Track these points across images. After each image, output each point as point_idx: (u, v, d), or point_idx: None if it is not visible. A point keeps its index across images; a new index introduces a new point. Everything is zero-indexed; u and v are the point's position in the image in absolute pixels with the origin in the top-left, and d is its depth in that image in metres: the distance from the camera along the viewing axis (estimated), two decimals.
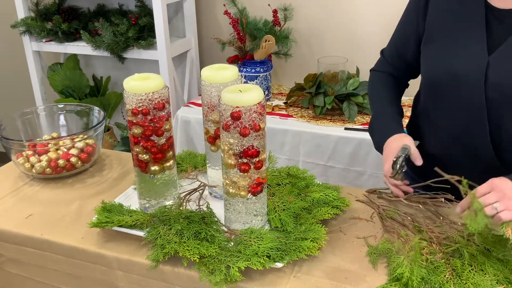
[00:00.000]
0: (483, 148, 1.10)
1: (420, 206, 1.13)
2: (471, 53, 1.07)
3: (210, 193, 1.19)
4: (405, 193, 1.14)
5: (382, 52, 1.35)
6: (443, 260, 0.93)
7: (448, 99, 1.13)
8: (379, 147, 1.20)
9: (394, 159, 1.09)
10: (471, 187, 0.98)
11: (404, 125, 1.29)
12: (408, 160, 1.12)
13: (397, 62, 1.29)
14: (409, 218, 1.08)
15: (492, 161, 1.10)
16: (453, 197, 1.12)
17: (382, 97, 1.29)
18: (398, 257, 0.92)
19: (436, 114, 1.18)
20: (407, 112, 1.38)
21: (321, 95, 2.09)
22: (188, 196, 1.14)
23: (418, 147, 1.15)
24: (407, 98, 2.13)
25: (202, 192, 1.16)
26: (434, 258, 0.93)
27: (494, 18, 1.06)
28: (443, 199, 1.12)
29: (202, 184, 1.18)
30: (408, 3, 1.23)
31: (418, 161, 1.11)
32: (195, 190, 1.17)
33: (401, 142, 1.13)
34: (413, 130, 1.30)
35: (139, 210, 1.09)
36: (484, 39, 1.06)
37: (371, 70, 1.37)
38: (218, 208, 1.10)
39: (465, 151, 1.13)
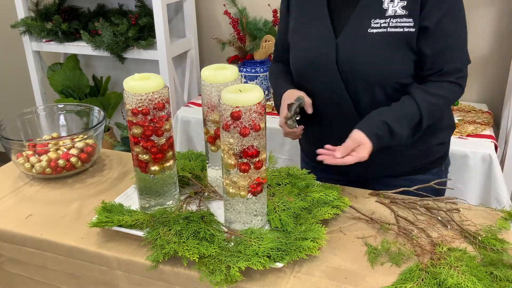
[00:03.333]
0: (348, 113, 1.23)
1: (420, 209, 1.12)
2: (321, 39, 1.22)
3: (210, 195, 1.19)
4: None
5: (275, 46, 1.48)
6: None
7: (311, 82, 1.27)
8: (277, 106, 1.31)
9: (289, 104, 1.19)
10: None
11: None
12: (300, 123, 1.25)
13: (283, 53, 1.40)
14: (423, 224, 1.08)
15: (356, 119, 1.20)
16: (457, 198, 1.13)
17: (279, 77, 1.40)
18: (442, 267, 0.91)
19: (307, 92, 1.28)
20: None
21: None
22: (189, 199, 1.15)
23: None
24: None
25: (202, 195, 1.16)
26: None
27: (335, 4, 1.21)
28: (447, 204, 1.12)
29: (202, 187, 1.18)
30: (281, 2, 1.38)
31: (310, 109, 1.23)
32: (195, 193, 1.17)
33: (295, 95, 1.23)
34: None
35: (139, 210, 1.09)
36: (329, 25, 1.21)
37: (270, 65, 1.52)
38: (218, 208, 1.11)
39: (334, 117, 1.26)
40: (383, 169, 1.30)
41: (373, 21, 1.15)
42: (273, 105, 2.28)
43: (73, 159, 1.31)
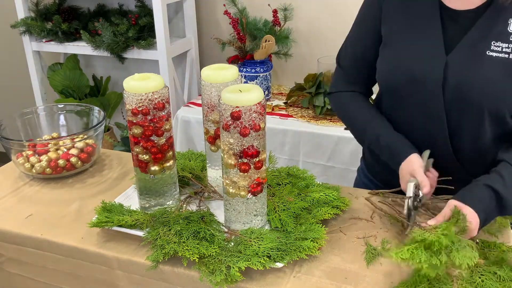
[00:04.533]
0: (443, 150, 1.10)
1: (421, 209, 1.12)
2: (428, 54, 1.06)
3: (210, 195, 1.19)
4: None
5: (338, 61, 1.26)
6: None
7: (407, 102, 1.12)
8: (398, 163, 1.11)
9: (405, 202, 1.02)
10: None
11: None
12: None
13: (356, 66, 1.22)
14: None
15: (452, 163, 1.10)
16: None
17: (366, 113, 1.20)
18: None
19: (396, 115, 1.16)
20: None
21: (321, 95, 2.09)
22: (189, 199, 1.15)
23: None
24: None
25: (202, 195, 1.16)
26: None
27: (448, 18, 1.05)
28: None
29: (202, 187, 1.18)
30: (360, 10, 1.21)
31: (425, 189, 1.03)
32: (195, 193, 1.17)
33: (410, 171, 1.07)
34: None
35: (139, 210, 1.09)
36: (441, 39, 1.05)
37: (330, 93, 1.28)
38: (218, 208, 1.11)
39: (424, 148, 1.12)
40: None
41: (493, 43, 1.00)
42: (273, 104, 2.28)
43: (73, 159, 1.31)
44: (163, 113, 1.01)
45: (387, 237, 1.03)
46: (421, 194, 1.03)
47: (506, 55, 1.00)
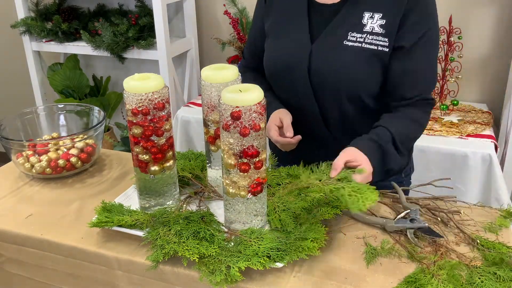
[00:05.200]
0: (316, 124, 1.26)
1: (420, 210, 1.12)
2: (297, 44, 1.21)
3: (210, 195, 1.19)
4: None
5: (242, 54, 1.47)
6: None
7: (283, 86, 1.28)
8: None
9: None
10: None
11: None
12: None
13: (255, 60, 1.38)
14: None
15: (326, 135, 1.27)
16: (455, 196, 1.13)
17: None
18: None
19: (279, 97, 1.31)
20: None
21: None
22: (189, 199, 1.15)
23: None
24: None
25: (202, 195, 1.16)
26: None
27: (314, 11, 1.21)
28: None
29: (202, 187, 1.18)
30: (255, 6, 1.37)
31: (289, 133, 1.19)
32: (195, 193, 1.17)
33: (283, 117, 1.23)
34: None
35: (139, 210, 1.09)
36: (307, 30, 1.20)
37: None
38: (218, 209, 1.11)
39: (304, 130, 1.24)
40: None
41: (350, 33, 1.15)
42: None
43: (73, 159, 1.31)
44: (163, 113, 1.01)
45: (387, 237, 1.03)
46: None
47: (360, 44, 1.15)
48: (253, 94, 0.90)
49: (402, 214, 1.05)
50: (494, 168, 1.80)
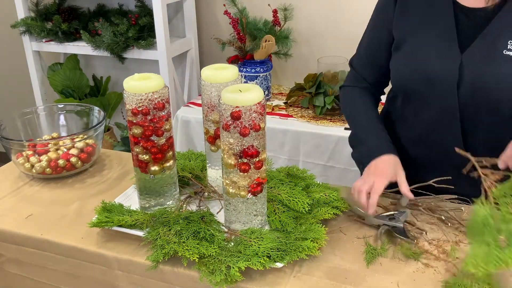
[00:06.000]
0: (453, 151, 1.08)
1: (421, 209, 1.12)
2: (443, 53, 1.06)
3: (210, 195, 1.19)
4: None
5: (351, 64, 1.30)
6: None
7: (420, 101, 1.12)
8: (365, 156, 1.14)
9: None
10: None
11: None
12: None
13: (369, 71, 1.24)
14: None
15: (464, 162, 1.07)
16: (456, 196, 1.12)
17: (363, 110, 1.23)
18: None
19: (408, 113, 1.17)
20: None
21: (321, 95, 2.09)
22: (189, 199, 1.15)
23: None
24: None
25: (202, 195, 1.16)
26: None
27: (461, 16, 1.05)
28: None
29: (202, 187, 1.18)
30: (375, 9, 1.22)
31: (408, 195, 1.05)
32: (195, 193, 1.17)
33: (389, 171, 1.06)
34: (385, 120, 1.27)
35: (139, 210, 1.09)
36: (455, 38, 1.05)
37: (341, 87, 1.31)
38: (218, 208, 1.11)
39: (436, 151, 1.13)
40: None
41: (510, 42, 1.00)
42: (273, 104, 2.28)
43: (73, 159, 1.31)
44: (163, 113, 1.01)
45: (387, 237, 1.03)
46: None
47: None
48: (253, 94, 0.90)
49: (387, 213, 1.06)
50: None
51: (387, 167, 1.08)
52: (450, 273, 0.92)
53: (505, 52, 1.00)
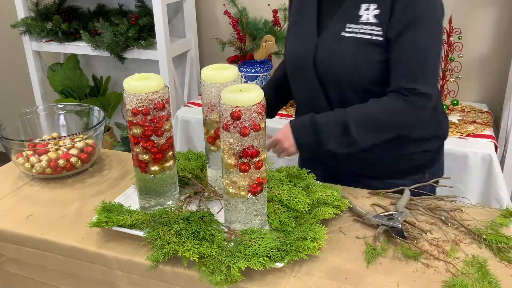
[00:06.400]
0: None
1: (421, 209, 1.12)
2: (305, 37, 1.27)
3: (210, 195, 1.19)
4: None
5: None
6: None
7: (295, 83, 1.34)
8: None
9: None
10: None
11: None
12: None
13: None
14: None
15: None
16: (456, 196, 1.13)
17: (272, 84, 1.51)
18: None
19: (293, 92, 1.38)
20: None
21: None
22: (189, 199, 1.15)
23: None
24: None
25: (202, 195, 1.16)
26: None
27: (324, 5, 1.25)
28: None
29: (202, 187, 1.18)
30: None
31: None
32: (195, 193, 1.17)
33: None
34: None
35: (139, 210, 1.09)
36: (314, 22, 1.25)
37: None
38: (218, 208, 1.11)
39: None
40: (359, 168, 1.32)
41: (347, 25, 1.19)
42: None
43: (73, 159, 1.31)
44: (163, 113, 1.01)
45: (387, 237, 1.03)
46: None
47: (355, 35, 1.17)
48: (253, 94, 0.90)
49: (386, 213, 1.06)
50: (494, 168, 1.80)
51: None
52: (450, 273, 0.92)
53: (343, 33, 1.19)
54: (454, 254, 0.96)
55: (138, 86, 0.98)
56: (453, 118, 2.04)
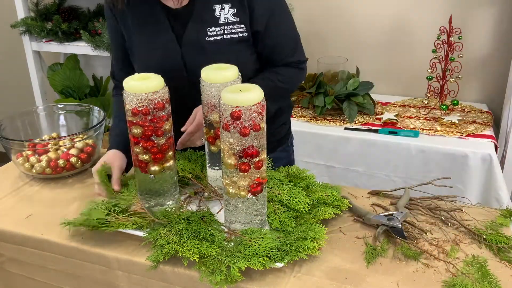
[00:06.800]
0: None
1: (421, 209, 1.12)
2: (168, 50, 1.24)
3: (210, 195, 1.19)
4: None
5: (113, 76, 1.44)
6: None
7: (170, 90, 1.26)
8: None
9: None
10: None
11: None
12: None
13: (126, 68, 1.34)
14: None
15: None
16: (456, 196, 1.13)
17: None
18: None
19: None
20: None
21: (321, 95, 2.09)
22: (189, 199, 1.15)
23: None
24: None
25: (202, 195, 1.16)
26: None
27: (171, 17, 1.23)
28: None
29: (202, 187, 1.18)
30: (107, 25, 1.35)
31: (116, 186, 1.16)
32: (195, 193, 1.17)
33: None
34: None
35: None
36: (173, 35, 1.23)
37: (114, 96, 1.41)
38: (218, 208, 1.11)
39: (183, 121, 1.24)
40: None
41: (208, 29, 1.20)
42: None
43: (73, 159, 1.31)
44: (163, 113, 1.01)
45: (387, 237, 1.03)
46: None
47: (221, 37, 1.21)
48: (253, 94, 0.90)
49: (386, 213, 1.06)
50: (494, 168, 1.80)
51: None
52: (450, 273, 0.92)
53: (207, 38, 1.21)
54: (454, 254, 0.96)
55: (138, 86, 0.98)
56: (453, 118, 2.04)
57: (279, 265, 0.92)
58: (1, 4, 2.97)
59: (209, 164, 1.17)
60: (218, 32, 1.21)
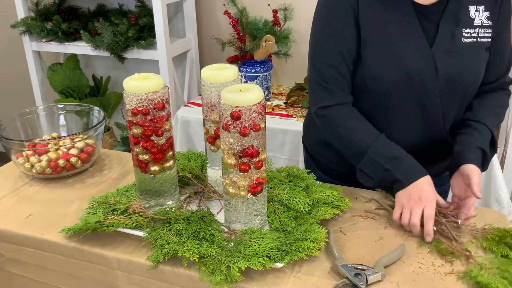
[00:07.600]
0: (438, 137, 1.19)
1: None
2: (416, 50, 1.11)
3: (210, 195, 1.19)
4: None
5: (318, 83, 1.20)
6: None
7: (400, 100, 1.14)
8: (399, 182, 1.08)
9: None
10: None
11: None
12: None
13: (343, 83, 1.17)
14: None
15: (447, 146, 1.19)
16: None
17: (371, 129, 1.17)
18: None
19: (382, 117, 1.17)
20: None
21: None
22: (189, 199, 1.15)
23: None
24: None
25: (202, 195, 1.16)
26: None
27: (418, 13, 1.12)
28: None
29: (202, 187, 1.18)
30: (324, 24, 1.16)
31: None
32: (195, 193, 1.17)
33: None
34: None
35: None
36: (422, 35, 1.12)
37: (321, 108, 1.19)
38: (218, 208, 1.11)
39: (422, 139, 1.19)
40: None
41: (463, 30, 1.12)
42: (273, 104, 2.28)
43: (73, 159, 1.31)
44: (163, 113, 1.01)
45: (387, 236, 1.03)
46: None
47: (475, 40, 1.12)
48: (253, 94, 0.90)
49: (359, 266, 0.92)
50: (494, 168, 1.80)
51: (431, 189, 1.06)
52: (450, 273, 0.92)
53: (463, 40, 1.11)
54: (454, 254, 0.96)
55: (138, 86, 0.98)
56: None
57: (279, 265, 0.92)
58: (1, 4, 2.97)
59: (209, 164, 1.17)
60: (472, 34, 1.12)
